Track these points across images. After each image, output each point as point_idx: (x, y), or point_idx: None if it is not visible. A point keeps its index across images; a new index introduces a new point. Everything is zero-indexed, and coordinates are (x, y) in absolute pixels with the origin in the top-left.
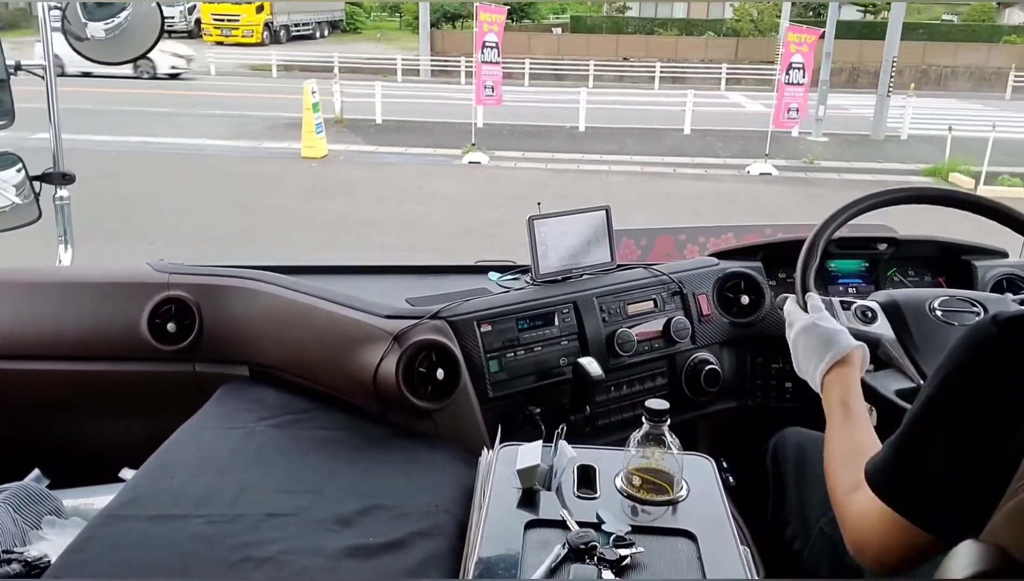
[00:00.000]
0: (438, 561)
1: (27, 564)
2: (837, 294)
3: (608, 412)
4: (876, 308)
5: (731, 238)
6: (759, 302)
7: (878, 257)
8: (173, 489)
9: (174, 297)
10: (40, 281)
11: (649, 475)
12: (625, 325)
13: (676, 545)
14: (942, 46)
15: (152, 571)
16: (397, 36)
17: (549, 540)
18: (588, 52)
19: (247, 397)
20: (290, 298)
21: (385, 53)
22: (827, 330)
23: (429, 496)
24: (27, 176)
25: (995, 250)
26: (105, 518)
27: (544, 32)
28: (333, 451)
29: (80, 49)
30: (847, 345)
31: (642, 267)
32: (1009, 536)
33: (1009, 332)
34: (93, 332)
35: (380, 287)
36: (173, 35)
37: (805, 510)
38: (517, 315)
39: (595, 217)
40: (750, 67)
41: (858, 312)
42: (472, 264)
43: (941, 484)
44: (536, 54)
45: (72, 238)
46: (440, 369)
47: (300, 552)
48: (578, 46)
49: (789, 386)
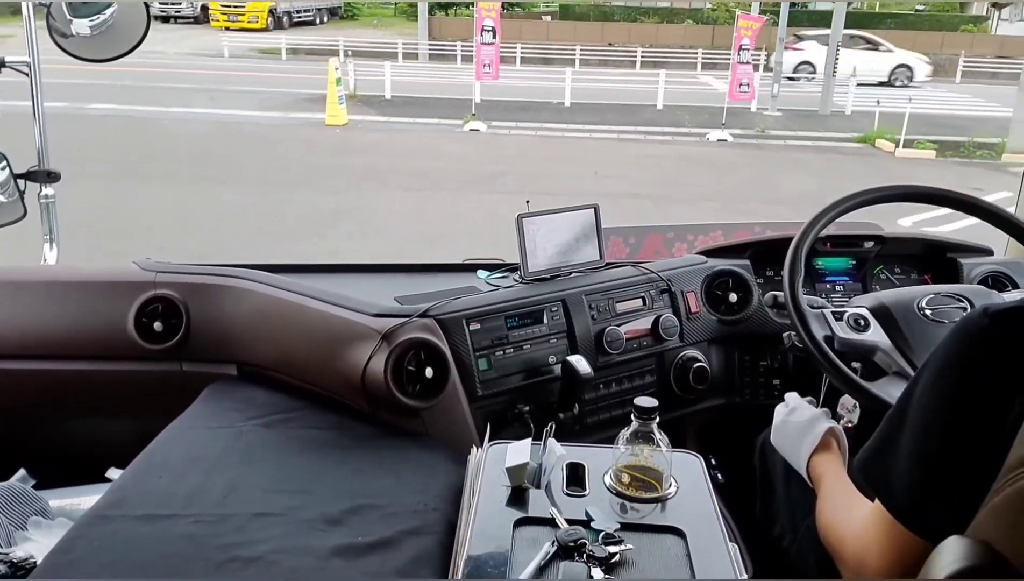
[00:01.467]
0: (427, 560)
1: (13, 565)
2: (825, 292)
3: (597, 410)
4: (867, 315)
5: (719, 236)
6: (747, 300)
7: (865, 255)
8: (160, 489)
9: (161, 296)
10: (25, 280)
11: (638, 472)
12: (614, 323)
13: (665, 542)
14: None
15: (139, 571)
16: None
17: (538, 538)
18: (575, 38)
19: (235, 396)
20: (278, 297)
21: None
22: (799, 424)
23: (418, 495)
24: (11, 174)
25: (980, 248)
26: (92, 518)
27: (535, 19)
28: (322, 450)
29: (65, 46)
30: (819, 432)
31: (631, 265)
32: (995, 531)
33: (1000, 324)
34: (79, 331)
35: (369, 286)
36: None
37: (793, 507)
38: (506, 313)
39: (584, 215)
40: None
41: (851, 321)
42: (461, 262)
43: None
44: (527, 39)
45: (58, 237)
46: (429, 368)
47: (289, 552)
48: (566, 32)
49: (777, 383)
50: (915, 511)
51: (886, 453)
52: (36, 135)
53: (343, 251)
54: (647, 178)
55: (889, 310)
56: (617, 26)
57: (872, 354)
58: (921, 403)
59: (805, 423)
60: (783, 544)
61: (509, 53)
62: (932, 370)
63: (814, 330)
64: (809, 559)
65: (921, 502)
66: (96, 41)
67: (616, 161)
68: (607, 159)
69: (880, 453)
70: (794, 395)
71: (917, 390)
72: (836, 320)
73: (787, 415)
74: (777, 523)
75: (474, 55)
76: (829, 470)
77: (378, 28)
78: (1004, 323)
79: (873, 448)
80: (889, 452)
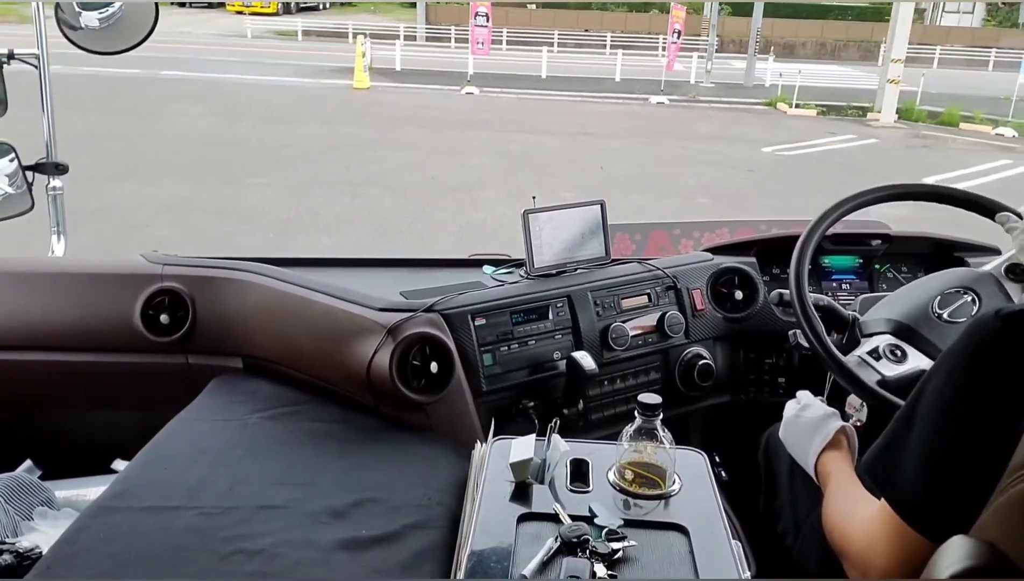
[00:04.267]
0: (431, 554)
1: (19, 555)
2: (831, 290)
3: (601, 406)
4: (900, 343)
5: (725, 233)
6: (753, 297)
7: (872, 253)
8: (165, 481)
9: (167, 289)
10: (33, 271)
11: (642, 469)
12: (619, 319)
13: (668, 539)
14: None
15: (144, 563)
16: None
17: (542, 533)
18: (555, 24)
19: (240, 389)
20: (284, 290)
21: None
22: (810, 420)
23: (422, 489)
24: (20, 166)
25: (987, 247)
26: (97, 509)
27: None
28: (326, 444)
29: (74, 38)
30: (831, 430)
31: (636, 262)
32: (998, 532)
33: (1012, 326)
34: (86, 323)
35: (374, 280)
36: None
37: (797, 505)
38: (511, 309)
39: (590, 211)
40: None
41: (888, 354)
42: (467, 258)
43: (934, 475)
44: (512, 25)
45: (65, 228)
46: (434, 362)
47: (292, 544)
48: (547, 19)
49: (782, 381)
50: (921, 511)
51: (894, 453)
52: (44, 127)
53: (383, 170)
54: (598, 125)
55: (908, 326)
56: (591, 14)
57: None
58: (931, 405)
59: (817, 420)
60: (786, 542)
61: (496, 36)
62: (943, 372)
63: (818, 328)
64: (812, 557)
65: (927, 503)
66: (105, 34)
67: (576, 114)
68: (571, 113)
69: (888, 453)
70: (807, 393)
71: (927, 392)
72: (875, 360)
73: (799, 411)
74: (780, 521)
75: (468, 37)
76: (838, 468)
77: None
78: (1016, 325)
79: (881, 448)
80: (897, 452)
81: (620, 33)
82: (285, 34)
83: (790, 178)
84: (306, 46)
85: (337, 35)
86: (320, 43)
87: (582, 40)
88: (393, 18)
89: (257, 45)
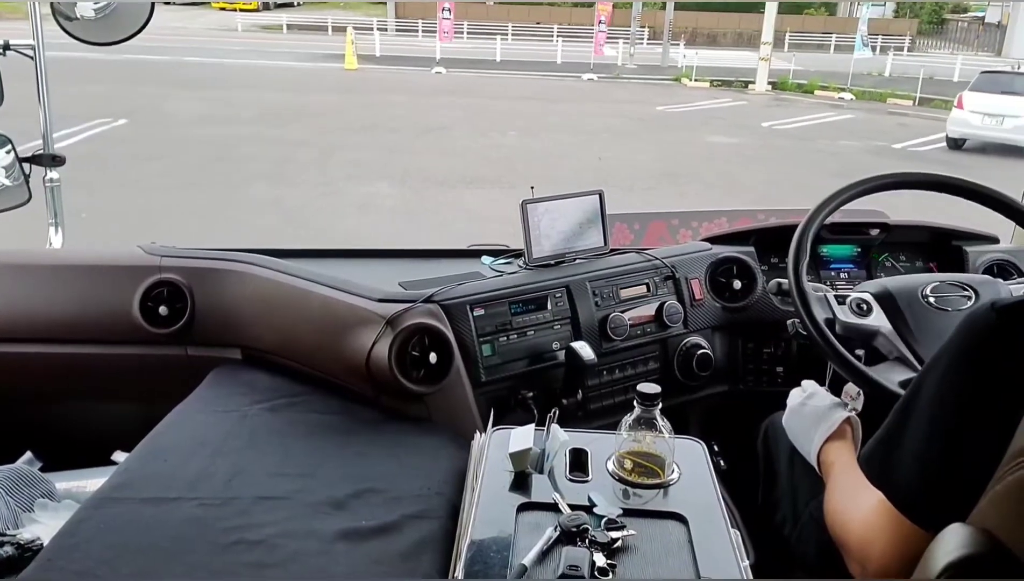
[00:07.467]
0: (430, 544)
1: (19, 546)
2: (829, 279)
3: (600, 396)
4: (870, 300)
5: (724, 223)
6: (751, 287)
7: (870, 242)
8: (165, 472)
9: (166, 280)
10: (31, 263)
11: (640, 459)
12: (618, 309)
13: (667, 528)
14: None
15: (144, 554)
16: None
17: (541, 523)
18: (509, 17)
19: (240, 380)
20: (283, 281)
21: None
22: (816, 408)
23: (422, 479)
24: (17, 158)
25: (986, 236)
26: (98, 501)
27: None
28: (326, 435)
29: (69, 28)
30: (836, 419)
31: (635, 252)
32: (996, 520)
33: (1008, 319)
34: (85, 315)
35: (373, 271)
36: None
37: (795, 494)
38: (510, 299)
39: (588, 201)
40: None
41: (853, 305)
42: (465, 248)
43: (932, 469)
44: (472, 18)
45: (63, 220)
46: (433, 353)
47: (293, 535)
48: (502, 12)
49: (780, 371)
50: (918, 504)
51: (891, 446)
52: (41, 118)
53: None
54: (538, 93)
55: (893, 296)
56: (540, 8)
57: (873, 339)
58: (928, 398)
59: (823, 410)
60: (784, 531)
61: (459, 27)
62: (940, 365)
63: (817, 315)
64: (810, 545)
65: (925, 495)
66: (100, 24)
67: (523, 87)
68: (518, 87)
69: (885, 446)
70: (812, 382)
71: (924, 385)
72: (839, 304)
73: (805, 399)
74: (779, 510)
75: (435, 29)
76: (840, 458)
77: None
78: (1012, 318)
79: (878, 440)
80: (894, 445)
81: (566, 25)
82: (271, 28)
83: (667, 123)
84: (292, 38)
85: (318, 28)
86: (303, 35)
87: (533, 31)
88: (363, 13)
89: (249, 37)
